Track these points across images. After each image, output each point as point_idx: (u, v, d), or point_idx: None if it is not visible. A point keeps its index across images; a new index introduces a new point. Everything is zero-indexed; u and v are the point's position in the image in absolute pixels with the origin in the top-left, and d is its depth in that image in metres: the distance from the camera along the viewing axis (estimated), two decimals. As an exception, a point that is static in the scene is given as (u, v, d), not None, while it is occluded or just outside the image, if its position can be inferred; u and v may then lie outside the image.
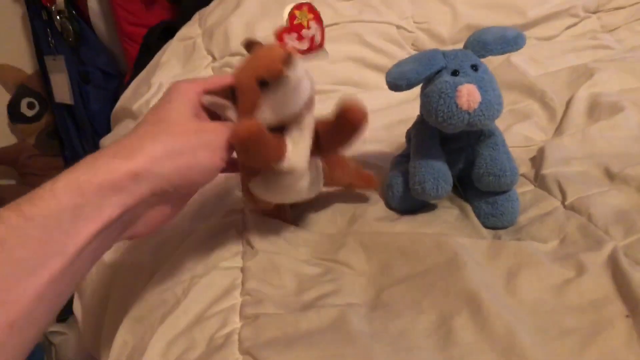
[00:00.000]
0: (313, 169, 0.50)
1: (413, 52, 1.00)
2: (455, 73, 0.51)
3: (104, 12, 1.40)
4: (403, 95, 0.54)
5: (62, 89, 1.44)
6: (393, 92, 0.55)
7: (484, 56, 0.53)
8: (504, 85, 0.83)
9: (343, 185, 0.60)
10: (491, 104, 0.50)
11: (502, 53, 0.54)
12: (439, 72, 0.52)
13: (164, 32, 1.17)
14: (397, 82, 0.52)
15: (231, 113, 0.47)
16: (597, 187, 0.58)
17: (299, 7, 0.48)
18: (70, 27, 1.37)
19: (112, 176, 0.38)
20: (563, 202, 0.57)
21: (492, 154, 0.54)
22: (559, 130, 0.73)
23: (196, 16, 1.09)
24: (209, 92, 0.47)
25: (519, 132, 0.73)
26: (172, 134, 0.42)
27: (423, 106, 0.53)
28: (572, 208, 0.55)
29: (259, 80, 0.43)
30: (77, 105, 1.45)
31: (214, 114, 0.48)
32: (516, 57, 0.89)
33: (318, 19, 0.49)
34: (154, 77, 0.93)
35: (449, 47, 0.98)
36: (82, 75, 1.42)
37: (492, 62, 0.62)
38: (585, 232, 0.51)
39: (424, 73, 0.52)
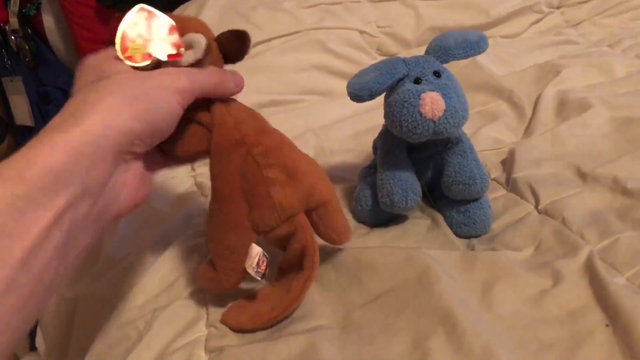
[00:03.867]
0: None
1: (379, 57, 0.99)
2: (417, 81, 0.49)
3: (61, 30, 1.36)
4: (370, 102, 0.52)
5: (22, 111, 1.39)
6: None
7: (447, 61, 0.52)
8: (471, 87, 0.82)
9: None
10: (456, 111, 0.48)
11: (465, 57, 0.52)
12: (401, 80, 0.50)
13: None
14: (358, 92, 0.50)
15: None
16: (569, 189, 0.56)
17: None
18: (27, 46, 1.32)
19: (66, 146, 0.32)
20: (536, 207, 0.55)
21: (461, 161, 0.52)
22: (528, 131, 0.72)
23: (155, 30, 1.06)
24: None
25: (488, 135, 0.72)
26: (123, 84, 0.37)
27: (387, 116, 0.51)
28: (545, 212, 0.54)
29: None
30: (39, 127, 1.39)
31: None
32: (482, 57, 0.87)
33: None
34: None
35: (414, 50, 0.97)
36: (42, 96, 1.37)
37: (458, 64, 0.61)
38: (560, 237, 0.50)
39: (385, 82, 0.50)
